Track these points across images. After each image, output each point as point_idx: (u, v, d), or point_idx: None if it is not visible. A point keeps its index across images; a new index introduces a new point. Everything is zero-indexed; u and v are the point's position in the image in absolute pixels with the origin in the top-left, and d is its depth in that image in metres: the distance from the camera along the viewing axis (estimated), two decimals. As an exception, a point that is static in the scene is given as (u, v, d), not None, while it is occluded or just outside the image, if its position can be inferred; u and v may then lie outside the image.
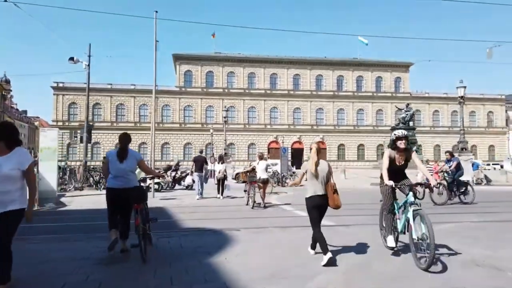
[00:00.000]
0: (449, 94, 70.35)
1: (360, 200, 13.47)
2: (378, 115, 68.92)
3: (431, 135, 68.30)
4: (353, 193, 16.41)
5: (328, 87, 68.02)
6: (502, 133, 70.98)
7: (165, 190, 17.38)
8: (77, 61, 18.72)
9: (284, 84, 66.96)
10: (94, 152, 60.94)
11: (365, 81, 69.20)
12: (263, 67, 66.67)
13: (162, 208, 11.41)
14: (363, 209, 10.78)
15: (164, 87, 64.35)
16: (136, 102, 63.10)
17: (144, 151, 62.29)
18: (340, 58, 69.41)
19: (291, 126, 66.08)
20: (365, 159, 66.35)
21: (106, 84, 62.85)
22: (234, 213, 10.39)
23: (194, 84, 64.98)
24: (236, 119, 65.42)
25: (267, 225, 8.10)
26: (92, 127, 22.52)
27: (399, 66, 69.81)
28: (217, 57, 66.08)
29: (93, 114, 61.96)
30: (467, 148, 22.85)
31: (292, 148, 65.59)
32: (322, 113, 67.62)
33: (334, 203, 5.11)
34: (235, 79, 66.29)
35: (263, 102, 66.05)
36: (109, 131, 61.67)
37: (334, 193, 5.12)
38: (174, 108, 63.96)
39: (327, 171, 5.23)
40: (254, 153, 61.38)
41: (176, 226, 8.61)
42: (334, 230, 7.34)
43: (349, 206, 10.54)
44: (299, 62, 67.61)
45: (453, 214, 9.92)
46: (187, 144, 63.34)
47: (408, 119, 37.14)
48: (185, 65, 65.08)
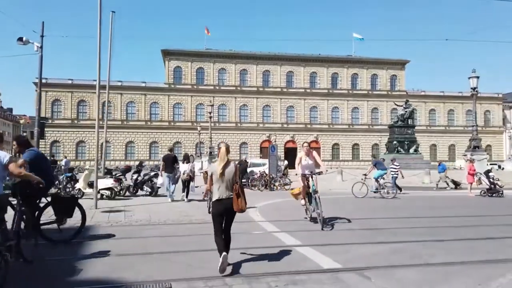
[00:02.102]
0: (445, 92, 69.02)
1: (371, 213, 10.71)
2: (373, 114, 67.21)
3: (427, 134, 66.70)
4: (354, 200, 14.08)
5: (322, 84, 66.13)
6: (499, 133, 69.70)
7: (123, 197, 13.87)
8: (27, 42, 15.94)
9: (277, 81, 64.93)
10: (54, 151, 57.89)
11: (360, 79, 67.45)
12: (256, 64, 64.57)
13: (88, 228, 7.30)
14: (381, 231, 7.82)
15: (153, 84, 62.03)
16: (123, 99, 60.53)
17: (131, 150, 60.03)
18: (334, 55, 67.54)
19: (284, 125, 64.07)
20: (360, 158, 64.61)
21: (92, 80, 60.16)
22: (184, 240, 6.90)
23: (184, 81, 62.66)
24: (227, 117, 63.25)
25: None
26: (45, 123, 19.74)
27: (395, 63, 68.19)
28: (208, 53, 63.82)
29: (78, 111, 59.46)
30: (480, 146, 20.71)
31: (285, 147, 63.65)
32: (316, 112, 65.72)
33: (238, 206, 4.97)
34: (227, 76, 64.11)
35: (255, 100, 63.94)
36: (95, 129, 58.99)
37: (238, 197, 4.97)
38: (163, 106, 61.57)
39: (233, 174, 5.07)
40: (246, 152, 59.27)
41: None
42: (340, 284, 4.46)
43: (358, 223, 8.59)
44: (292, 59, 65.63)
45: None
46: (176, 143, 60.94)
47: (407, 116, 35.28)
48: (175, 61, 62.74)
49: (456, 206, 12.45)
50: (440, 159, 64.11)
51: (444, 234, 7.41)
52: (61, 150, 57.70)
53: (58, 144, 58.34)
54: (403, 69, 68.73)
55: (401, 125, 35.72)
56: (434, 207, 12.15)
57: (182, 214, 10.01)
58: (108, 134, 59.13)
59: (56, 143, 58.26)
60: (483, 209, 11.99)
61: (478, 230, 8.04)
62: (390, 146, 36.24)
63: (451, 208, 11.91)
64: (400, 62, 68.40)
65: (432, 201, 14.42)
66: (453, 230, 8.06)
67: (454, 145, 68.01)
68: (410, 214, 10.41)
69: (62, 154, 57.20)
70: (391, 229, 7.91)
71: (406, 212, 10.98)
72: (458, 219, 9.57)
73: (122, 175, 14.52)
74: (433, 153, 67.01)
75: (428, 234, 7.34)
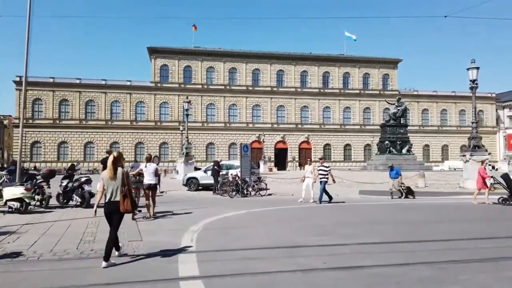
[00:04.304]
0: (438, 92, 67.91)
1: (361, 231, 8.03)
2: (365, 114, 65.84)
3: (420, 134, 65.49)
4: (342, 209, 12.23)
5: (313, 84, 64.60)
6: (493, 133, 68.73)
7: (46, 208, 11.25)
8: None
9: (267, 80, 63.27)
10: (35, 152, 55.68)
11: (352, 78, 66.04)
12: (245, 62, 62.84)
13: None
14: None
15: (139, 83, 60.03)
16: (107, 98, 58.40)
17: (116, 151, 57.75)
18: (326, 54, 66.04)
19: (274, 125, 62.39)
20: (352, 159, 63.20)
21: (75, 78, 58.08)
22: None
23: (171, 79, 60.72)
24: (216, 117, 61.43)
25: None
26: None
27: (387, 62, 66.90)
28: (196, 51, 61.96)
29: (59, 111, 57.20)
30: (481, 145, 18.91)
31: (276, 148, 62.06)
32: (307, 111, 64.15)
33: (124, 207, 5.49)
34: (215, 74, 62.29)
35: (245, 100, 62.22)
36: (78, 130, 56.95)
37: (125, 199, 5.50)
38: (149, 105, 59.57)
39: (121, 178, 5.56)
40: (235, 153, 57.48)
41: None
42: None
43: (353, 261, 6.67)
44: (283, 57, 64.02)
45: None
46: (163, 144, 59.03)
47: (399, 115, 33.82)
48: (161, 59, 60.76)
49: (471, 219, 10.75)
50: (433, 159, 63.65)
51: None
52: (42, 152, 55.53)
53: (39, 145, 56.02)
54: (396, 68, 67.47)
55: (393, 124, 34.29)
56: (426, 222, 9.82)
57: (90, 236, 7.27)
58: (92, 135, 57.26)
59: (37, 144, 55.95)
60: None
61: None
62: (381, 147, 34.76)
63: (462, 222, 10.20)
64: (393, 61, 67.15)
65: (399, 212, 12.32)
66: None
67: (447, 145, 66.90)
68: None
69: (43, 156, 55.31)
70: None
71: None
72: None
73: (44, 181, 12.01)
74: (426, 153, 65.86)
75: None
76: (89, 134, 57.24)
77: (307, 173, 13.98)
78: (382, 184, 20.19)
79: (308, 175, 13.90)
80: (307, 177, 13.95)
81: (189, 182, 18.63)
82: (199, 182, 18.41)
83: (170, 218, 9.90)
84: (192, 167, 23.21)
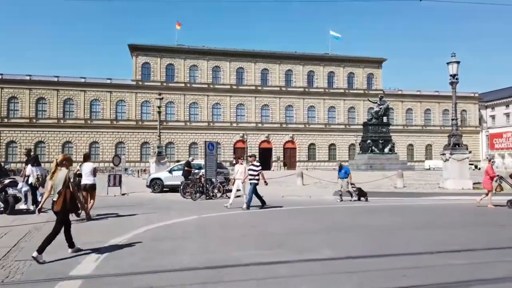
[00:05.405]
0: (422, 91, 68.10)
1: (314, 242, 6.90)
2: (350, 113, 65.60)
3: (404, 134, 65.60)
4: (303, 213, 10.95)
5: (298, 83, 64.04)
6: (476, 132, 69.24)
7: None
8: None
9: (251, 79, 62.43)
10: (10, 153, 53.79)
11: (337, 77, 65.70)
12: (229, 61, 61.89)
13: None
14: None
15: (119, 81, 58.55)
16: (86, 97, 56.78)
17: (96, 151, 56.36)
18: (311, 53, 65.52)
19: (258, 124, 61.59)
20: (337, 159, 62.52)
21: (53, 76, 56.29)
22: None
23: (152, 77, 59.38)
24: (199, 116, 60.34)
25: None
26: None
27: (372, 62, 66.76)
28: (179, 49, 60.74)
29: (36, 109, 55.35)
30: (461, 143, 18.27)
31: (260, 147, 61.28)
32: (292, 111, 63.57)
33: (56, 207, 5.85)
34: (198, 73, 61.18)
35: (229, 99, 61.29)
36: (56, 129, 55.21)
37: (58, 198, 5.84)
38: (130, 104, 58.13)
39: (63, 180, 5.90)
40: (219, 153, 56.45)
41: None
42: None
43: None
44: (267, 56, 63.27)
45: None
46: (144, 144, 57.69)
47: (382, 113, 33.34)
48: (143, 57, 59.35)
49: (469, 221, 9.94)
50: (417, 158, 63.73)
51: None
52: (18, 152, 53.64)
53: (15, 145, 54.13)
54: (380, 67, 67.40)
55: (375, 122, 33.80)
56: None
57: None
58: (70, 134, 55.62)
59: (12, 144, 54.04)
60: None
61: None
62: (363, 146, 34.26)
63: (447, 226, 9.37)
64: (377, 60, 67.04)
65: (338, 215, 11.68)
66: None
67: (431, 145, 67.13)
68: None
69: (19, 156, 53.40)
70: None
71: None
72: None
73: None
74: (410, 153, 66.03)
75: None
76: (67, 133, 55.54)
77: (237, 174, 11.97)
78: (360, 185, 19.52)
79: (238, 177, 11.90)
80: (237, 179, 12.00)
81: (152, 183, 17.38)
82: (163, 183, 17.29)
83: (101, 225, 8.56)
84: (165, 167, 22.15)
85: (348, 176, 14.09)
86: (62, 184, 5.85)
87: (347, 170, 14.29)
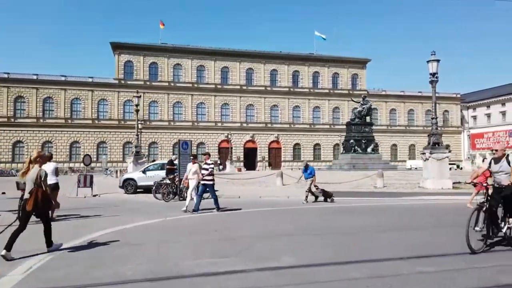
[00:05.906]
0: (405, 92, 68.76)
1: (279, 246, 6.46)
2: (334, 113, 65.81)
3: (388, 134, 66.16)
4: (277, 214, 10.63)
5: (283, 82, 63.92)
6: (457, 133, 70.28)
7: None
8: None
9: (236, 78, 62.02)
10: (16, 153, 52.94)
11: (322, 77, 65.82)
12: (213, 60, 61.37)
13: None
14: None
15: (101, 79, 57.40)
16: (67, 95, 55.48)
17: (77, 152, 55.16)
18: (296, 53, 65.50)
19: (243, 124, 61.23)
20: (322, 159, 62.93)
21: (32, 74, 54.82)
22: None
23: (135, 76, 58.43)
24: (183, 115, 59.65)
25: None
26: None
27: (356, 62, 67.13)
28: (162, 47, 59.93)
29: (14, 108, 53.75)
30: (441, 143, 18.23)
31: (245, 147, 60.96)
32: (277, 111, 63.42)
33: (28, 206, 5.61)
34: (182, 72, 60.48)
35: (213, 98, 60.76)
36: (35, 128, 53.79)
37: (30, 197, 5.62)
38: (112, 103, 57.06)
39: (34, 178, 5.72)
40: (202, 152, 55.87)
41: None
42: None
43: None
44: (252, 55, 62.96)
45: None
46: (127, 143, 56.62)
47: (364, 113, 33.37)
48: (126, 55, 58.37)
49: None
50: (400, 158, 64.28)
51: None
52: (25, 152, 52.29)
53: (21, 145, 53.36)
54: (364, 68, 67.81)
55: (358, 122, 33.82)
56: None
57: None
58: (50, 134, 54.29)
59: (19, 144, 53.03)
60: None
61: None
62: (346, 146, 34.25)
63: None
64: (361, 60, 67.44)
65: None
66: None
67: (414, 145, 67.84)
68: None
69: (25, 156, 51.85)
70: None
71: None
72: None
73: None
74: (394, 153, 66.62)
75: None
76: (47, 133, 54.18)
77: (190, 174, 11.35)
78: (341, 185, 19.40)
79: (191, 177, 11.31)
80: (190, 179, 11.37)
81: (125, 184, 16.73)
82: (137, 183, 16.70)
83: (57, 228, 7.46)
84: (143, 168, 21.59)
85: (313, 177, 13.57)
86: (33, 182, 5.70)
87: (312, 170, 13.70)
